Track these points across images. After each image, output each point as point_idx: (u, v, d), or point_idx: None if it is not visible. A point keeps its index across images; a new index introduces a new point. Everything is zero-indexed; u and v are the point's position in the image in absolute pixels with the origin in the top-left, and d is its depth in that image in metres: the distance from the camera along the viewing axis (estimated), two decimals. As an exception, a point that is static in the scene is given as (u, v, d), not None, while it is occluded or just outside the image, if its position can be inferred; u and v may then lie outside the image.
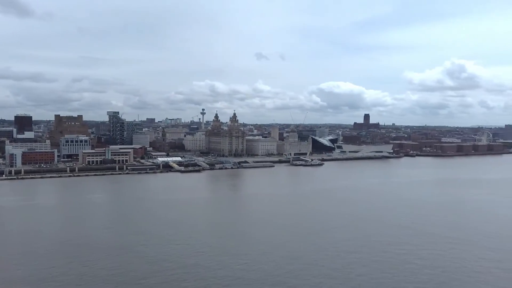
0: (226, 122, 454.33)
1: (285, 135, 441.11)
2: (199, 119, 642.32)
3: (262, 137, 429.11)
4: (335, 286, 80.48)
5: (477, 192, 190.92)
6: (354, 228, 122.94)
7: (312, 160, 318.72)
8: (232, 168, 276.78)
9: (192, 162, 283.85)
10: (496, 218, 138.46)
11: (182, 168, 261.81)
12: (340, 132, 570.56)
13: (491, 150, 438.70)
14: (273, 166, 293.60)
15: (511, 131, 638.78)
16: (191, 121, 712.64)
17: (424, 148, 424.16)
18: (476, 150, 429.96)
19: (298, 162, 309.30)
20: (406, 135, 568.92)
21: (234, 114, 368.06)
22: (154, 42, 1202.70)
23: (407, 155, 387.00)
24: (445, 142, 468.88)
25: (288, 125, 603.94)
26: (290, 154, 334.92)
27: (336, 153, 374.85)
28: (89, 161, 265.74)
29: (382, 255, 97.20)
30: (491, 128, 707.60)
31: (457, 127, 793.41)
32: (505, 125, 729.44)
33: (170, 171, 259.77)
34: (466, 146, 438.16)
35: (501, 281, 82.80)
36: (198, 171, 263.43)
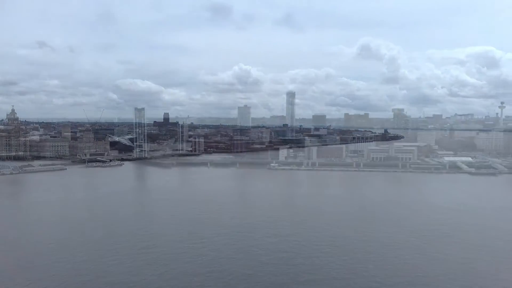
0: (2, 120, 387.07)
1: (78, 134, 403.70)
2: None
3: (51, 136, 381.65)
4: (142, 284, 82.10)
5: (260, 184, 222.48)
6: (148, 228, 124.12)
7: (110, 160, 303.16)
8: (11, 173, 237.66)
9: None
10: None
11: None
12: (140, 131, 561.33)
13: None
14: (65, 169, 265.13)
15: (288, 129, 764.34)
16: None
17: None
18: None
19: (94, 164, 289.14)
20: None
21: (13, 110, 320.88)
22: None
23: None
24: (237, 140, 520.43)
25: (82, 124, 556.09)
26: (85, 155, 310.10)
27: (136, 153, 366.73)
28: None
29: (179, 250, 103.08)
30: (273, 127, 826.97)
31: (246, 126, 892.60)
32: (283, 125, 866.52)
33: None
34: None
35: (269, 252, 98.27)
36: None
